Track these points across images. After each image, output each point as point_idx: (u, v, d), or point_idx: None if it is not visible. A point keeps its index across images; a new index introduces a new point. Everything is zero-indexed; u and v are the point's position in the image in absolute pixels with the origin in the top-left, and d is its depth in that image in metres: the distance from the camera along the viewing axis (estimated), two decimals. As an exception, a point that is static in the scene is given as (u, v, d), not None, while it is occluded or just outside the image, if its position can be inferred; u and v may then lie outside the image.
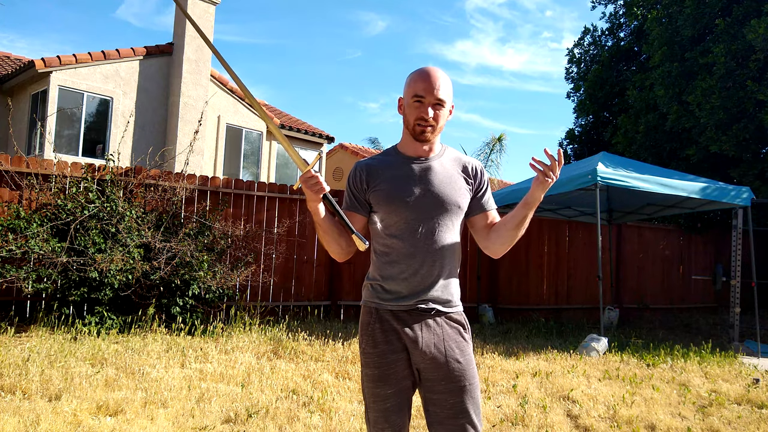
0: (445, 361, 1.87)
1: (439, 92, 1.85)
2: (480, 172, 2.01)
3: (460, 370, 1.88)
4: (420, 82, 1.86)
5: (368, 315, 1.94)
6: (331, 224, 1.89)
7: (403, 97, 1.94)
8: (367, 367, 1.91)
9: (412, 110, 1.88)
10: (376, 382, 1.88)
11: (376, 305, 1.92)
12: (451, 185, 1.93)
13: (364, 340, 1.92)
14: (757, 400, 4.64)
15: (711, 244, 11.60)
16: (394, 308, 1.89)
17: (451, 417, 1.86)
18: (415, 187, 1.91)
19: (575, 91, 15.08)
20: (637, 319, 9.82)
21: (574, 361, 5.76)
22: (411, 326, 1.87)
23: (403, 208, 1.89)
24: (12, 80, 11.16)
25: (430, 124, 1.87)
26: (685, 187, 7.23)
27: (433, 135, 1.91)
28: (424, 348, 1.86)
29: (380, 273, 1.92)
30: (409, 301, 1.88)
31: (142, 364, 4.36)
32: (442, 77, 1.87)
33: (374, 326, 1.90)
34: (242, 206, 7.26)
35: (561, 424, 3.78)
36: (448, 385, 1.86)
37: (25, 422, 3.06)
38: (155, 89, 11.75)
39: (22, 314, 5.93)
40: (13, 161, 5.96)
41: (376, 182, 1.94)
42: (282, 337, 5.67)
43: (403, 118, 1.94)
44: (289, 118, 15.20)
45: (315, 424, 3.45)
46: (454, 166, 1.98)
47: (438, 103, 1.87)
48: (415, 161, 1.95)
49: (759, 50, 9.06)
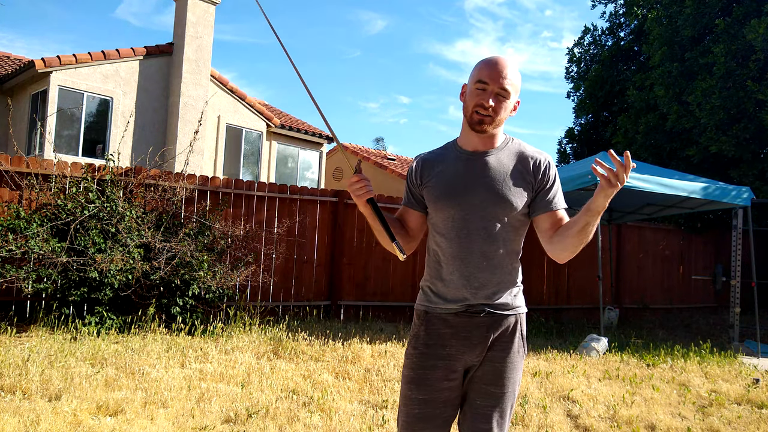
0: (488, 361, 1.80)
1: (504, 81, 1.73)
2: (545, 168, 1.84)
3: (495, 374, 1.80)
4: (486, 68, 1.75)
5: (418, 317, 1.88)
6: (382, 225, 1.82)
7: (468, 84, 1.82)
8: (405, 368, 1.86)
9: (472, 96, 1.77)
10: (410, 384, 1.82)
11: (425, 308, 1.86)
12: (505, 182, 1.79)
13: (412, 341, 1.87)
14: (757, 400, 4.64)
15: (711, 244, 11.60)
16: (442, 311, 1.82)
17: (472, 419, 1.81)
18: (463, 184, 1.80)
19: (575, 91, 15.08)
20: (637, 319, 9.82)
21: (574, 361, 5.76)
22: (460, 329, 1.79)
23: (449, 206, 1.80)
24: (12, 80, 11.15)
25: (489, 113, 1.74)
26: (686, 187, 7.23)
27: (491, 126, 1.77)
28: (472, 348, 1.79)
29: (430, 274, 1.87)
30: (457, 304, 1.79)
31: (142, 364, 4.35)
32: (512, 67, 1.75)
33: (419, 329, 1.85)
34: (242, 206, 7.25)
35: (561, 424, 3.78)
36: (480, 385, 1.81)
37: (25, 422, 3.06)
38: (155, 89, 11.75)
39: (22, 314, 5.92)
40: (13, 161, 5.96)
41: (428, 178, 1.86)
42: (282, 337, 5.67)
43: (463, 106, 1.83)
44: (289, 118, 15.20)
45: (315, 424, 3.45)
46: (514, 160, 1.83)
47: (502, 92, 1.74)
48: (470, 156, 1.83)
49: (759, 50, 9.06)
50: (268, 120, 13.54)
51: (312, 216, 7.70)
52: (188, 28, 11.80)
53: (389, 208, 8.20)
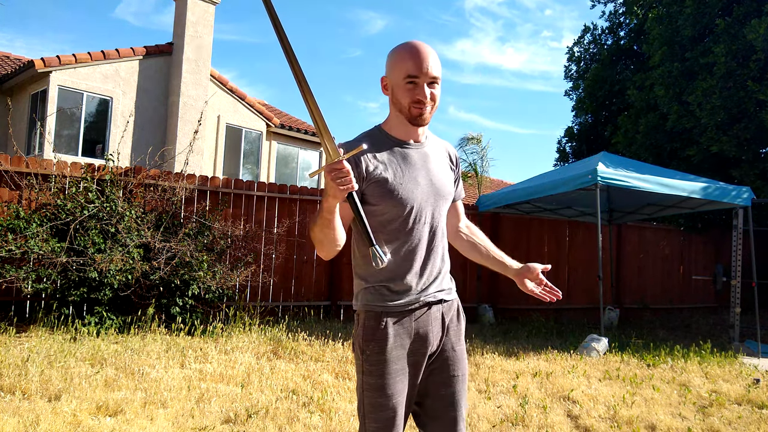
0: (443, 350, 1.81)
1: (432, 69, 1.69)
2: (457, 158, 1.97)
3: (455, 359, 1.82)
4: (409, 60, 1.68)
5: (375, 320, 1.74)
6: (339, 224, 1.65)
7: (390, 77, 1.75)
8: (370, 375, 1.72)
9: (405, 92, 1.71)
10: (380, 391, 1.71)
11: (382, 308, 1.74)
12: (443, 172, 1.85)
13: (370, 346, 1.72)
14: (757, 400, 4.63)
15: (711, 244, 11.60)
16: (403, 308, 1.75)
17: (443, 408, 1.80)
18: (419, 177, 1.77)
19: (575, 90, 15.07)
20: (637, 319, 9.81)
21: (575, 361, 5.76)
22: (421, 323, 1.77)
23: (409, 200, 1.74)
24: (12, 80, 11.15)
25: (428, 104, 1.72)
26: (686, 187, 7.23)
27: (430, 115, 1.75)
28: (432, 340, 1.78)
29: (383, 274, 1.75)
30: (418, 297, 1.76)
31: (141, 364, 4.35)
32: (432, 51, 1.71)
33: (384, 330, 1.72)
34: (242, 206, 7.25)
35: (561, 425, 3.77)
36: (443, 375, 1.80)
37: (24, 422, 3.05)
38: (155, 89, 11.74)
39: (22, 314, 5.92)
40: (12, 161, 5.95)
41: (375, 170, 1.72)
42: (282, 337, 5.66)
43: (392, 100, 1.76)
44: (289, 117, 15.19)
45: (315, 424, 3.44)
46: (442, 152, 1.90)
47: (433, 80, 1.71)
48: (410, 146, 1.80)
49: (759, 50, 9.05)
50: (267, 120, 13.54)
51: (312, 216, 7.69)
52: (188, 28, 11.79)
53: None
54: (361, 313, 1.78)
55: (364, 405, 1.75)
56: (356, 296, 1.82)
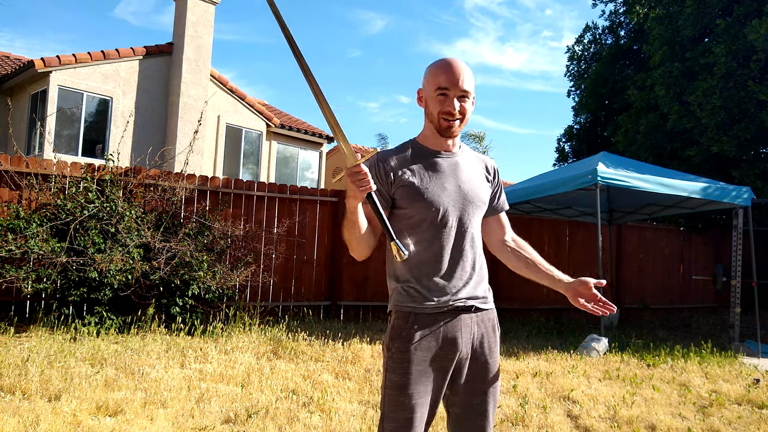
0: (475, 359, 1.83)
1: (464, 83, 1.77)
2: (497, 172, 2.00)
3: (487, 371, 1.85)
4: (443, 73, 1.77)
5: (403, 320, 1.79)
6: (364, 223, 1.75)
7: (424, 89, 1.85)
8: (394, 372, 1.76)
9: (436, 104, 1.80)
10: (401, 390, 1.74)
11: (411, 309, 1.79)
12: (476, 180, 1.90)
13: (395, 344, 1.77)
14: (757, 400, 4.63)
15: (711, 244, 11.60)
16: (432, 310, 1.79)
17: (469, 418, 1.83)
18: (446, 182, 1.83)
19: (575, 89, 15.07)
20: (637, 319, 9.81)
21: (575, 361, 5.76)
22: (450, 328, 1.79)
23: (435, 203, 1.80)
24: (12, 80, 11.15)
25: (457, 117, 1.79)
26: (686, 187, 7.22)
27: (459, 128, 1.84)
28: (462, 347, 1.80)
29: (412, 274, 1.81)
30: (447, 301, 1.79)
31: (141, 364, 4.35)
32: (465, 67, 1.80)
33: (411, 330, 1.77)
34: (242, 206, 7.25)
35: (561, 425, 3.77)
36: (473, 384, 1.83)
37: (24, 422, 3.05)
38: (155, 89, 11.75)
39: (22, 314, 5.92)
40: (12, 161, 5.95)
41: (404, 175, 1.81)
42: (282, 337, 5.66)
43: (426, 111, 1.86)
44: (289, 117, 15.19)
45: (315, 424, 3.44)
46: (477, 162, 1.95)
47: (463, 95, 1.79)
48: (441, 155, 1.87)
49: (760, 50, 9.05)
50: (267, 120, 13.54)
51: (312, 216, 7.70)
52: (188, 28, 11.80)
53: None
54: (392, 313, 1.86)
55: (385, 403, 1.79)
56: (389, 296, 1.89)
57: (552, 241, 9.73)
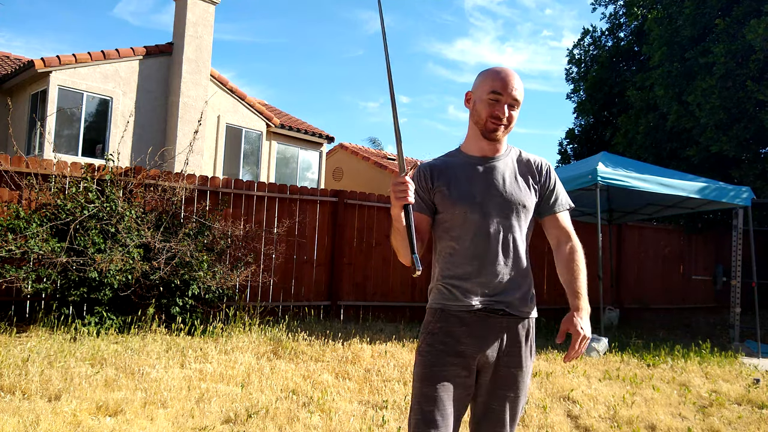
0: (500, 364, 1.86)
1: (516, 92, 1.84)
2: (546, 170, 1.97)
3: (510, 379, 1.86)
4: (498, 79, 1.84)
5: (431, 315, 1.89)
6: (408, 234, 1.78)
7: (474, 92, 1.90)
8: (419, 365, 1.86)
9: (485, 106, 1.85)
10: (425, 381, 1.82)
11: (441, 306, 1.88)
12: (515, 184, 1.91)
13: (425, 338, 1.88)
14: (757, 400, 4.64)
15: (711, 244, 11.60)
16: (459, 310, 1.85)
17: (486, 420, 1.87)
18: (479, 187, 1.88)
19: (575, 92, 15.07)
20: (637, 319, 9.81)
21: (575, 361, 5.76)
22: (476, 328, 1.84)
23: (466, 207, 1.86)
24: (12, 80, 11.15)
25: (504, 122, 1.85)
26: (686, 187, 7.23)
27: (504, 134, 1.89)
28: (487, 348, 1.84)
29: (445, 274, 1.88)
30: (474, 303, 1.83)
31: (141, 364, 4.35)
32: (519, 79, 1.87)
33: (434, 326, 1.86)
34: (242, 206, 7.25)
35: (561, 425, 3.77)
36: (495, 388, 1.86)
37: (24, 422, 3.05)
38: (155, 89, 11.75)
39: (22, 314, 5.92)
40: (12, 161, 5.95)
41: (440, 182, 1.90)
42: (282, 338, 5.66)
43: (472, 114, 1.91)
44: (289, 117, 15.19)
45: (315, 424, 3.44)
46: (519, 164, 1.95)
47: (514, 103, 1.85)
48: (479, 161, 1.92)
49: (759, 50, 9.05)
50: (267, 120, 13.54)
51: (312, 216, 7.70)
52: (188, 28, 11.80)
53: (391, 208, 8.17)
54: (427, 309, 1.94)
55: (413, 395, 1.86)
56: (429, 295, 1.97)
57: (552, 241, 9.72)
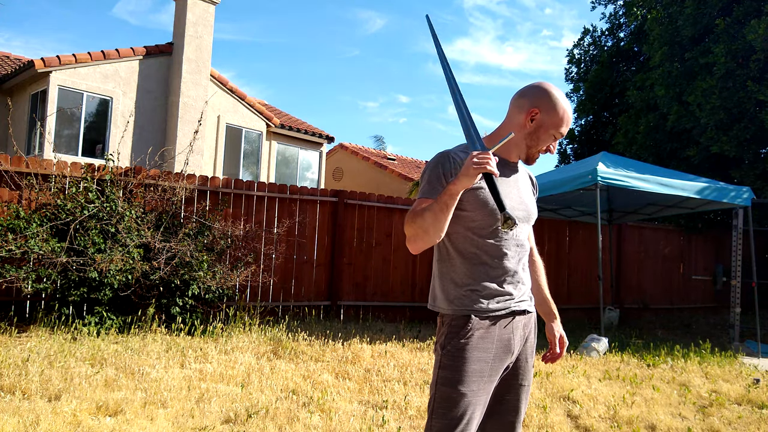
0: (519, 358, 1.93)
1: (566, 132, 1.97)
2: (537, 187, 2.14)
3: (526, 370, 1.96)
4: (565, 120, 1.91)
5: (461, 320, 1.83)
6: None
7: (544, 118, 1.88)
8: (446, 369, 1.80)
9: (545, 139, 1.92)
10: (453, 386, 1.79)
11: (470, 311, 1.84)
12: (531, 192, 2.06)
13: (452, 342, 1.82)
14: (757, 400, 4.64)
15: (711, 244, 11.60)
16: (492, 313, 1.85)
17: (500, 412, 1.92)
18: (512, 192, 1.94)
19: (575, 92, 15.07)
20: (637, 319, 9.81)
21: (575, 361, 5.76)
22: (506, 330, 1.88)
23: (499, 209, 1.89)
24: (12, 80, 11.15)
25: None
26: (686, 187, 7.23)
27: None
28: (514, 349, 1.90)
29: (473, 277, 1.85)
30: (507, 304, 1.88)
31: (141, 364, 4.35)
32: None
33: (470, 332, 1.82)
34: (242, 206, 7.25)
35: (561, 425, 3.77)
36: (510, 380, 1.92)
37: (24, 422, 3.05)
38: (155, 89, 11.75)
39: (22, 314, 5.92)
40: (12, 161, 5.95)
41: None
42: (282, 338, 5.66)
43: (528, 130, 1.90)
44: (288, 117, 15.19)
45: (315, 424, 3.44)
46: (527, 177, 2.08)
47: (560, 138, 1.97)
48: (509, 166, 1.97)
49: (759, 50, 9.05)
50: (267, 120, 13.54)
51: (312, 216, 7.70)
52: (188, 28, 11.80)
53: (391, 208, 8.20)
54: (447, 315, 1.87)
55: (435, 400, 1.81)
56: (443, 299, 1.89)
57: (552, 241, 9.74)
